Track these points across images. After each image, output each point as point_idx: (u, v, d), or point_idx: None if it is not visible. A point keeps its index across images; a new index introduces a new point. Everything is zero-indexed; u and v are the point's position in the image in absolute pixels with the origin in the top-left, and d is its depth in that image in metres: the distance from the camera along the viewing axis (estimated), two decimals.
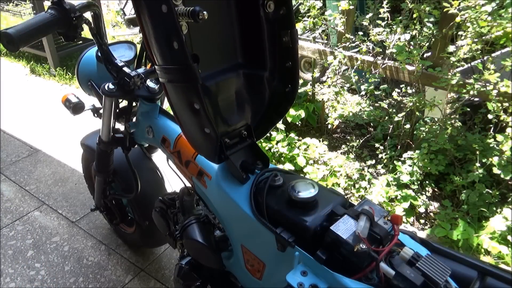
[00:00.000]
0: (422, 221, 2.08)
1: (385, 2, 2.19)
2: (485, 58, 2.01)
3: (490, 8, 1.75)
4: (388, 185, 2.14)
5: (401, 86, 2.49)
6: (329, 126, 2.67)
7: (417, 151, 2.15)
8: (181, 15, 0.70)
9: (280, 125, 2.53)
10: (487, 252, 1.79)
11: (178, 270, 1.15)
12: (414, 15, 2.08)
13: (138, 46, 1.29)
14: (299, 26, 2.59)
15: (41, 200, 2.21)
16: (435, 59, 2.11)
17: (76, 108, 1.29)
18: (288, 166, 2.39)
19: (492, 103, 1.82)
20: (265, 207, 0.85)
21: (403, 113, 2.30)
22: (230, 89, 0.91)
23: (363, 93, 2.55)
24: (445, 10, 1.91)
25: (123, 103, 1.33)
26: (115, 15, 5.08)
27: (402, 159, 2.22)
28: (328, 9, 2.83)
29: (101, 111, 1.33)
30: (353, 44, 2.43)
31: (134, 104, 1.30)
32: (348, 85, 2.73)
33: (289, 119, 2.63)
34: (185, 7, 0.71)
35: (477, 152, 1.97)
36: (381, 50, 2.29)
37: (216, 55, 0.90)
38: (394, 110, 2.54)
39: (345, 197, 0.87)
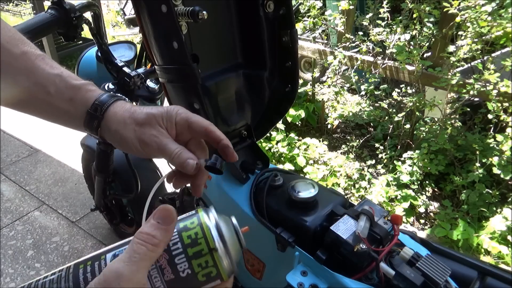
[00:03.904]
0: (422, 221, 2.08)
1: (385, 2, 2.19)
2: (485, 58, 2.01)
3: (490, 8, 1.74)
4: (388, 185, 2.14)
5: (401, 86, 2.48)
6: (329, 126, 2.67)
7: (417, 151, 2.15)
8: (181, 15, 0.70)
9: (280, 125, 2.53)
10: (487, 252, 1.79)
11: None
12: (414, 15, 2.08)
13: (138, 46, 1.30)
14: (299, 26, 2.59)
15: (41, 200, 2.21)
16: (435, 59, 2.11)
17: None
18: (288, 166, 2.39)
19: (492, 103, 1.82)
20: (265, 207, 0.85)
21: (403, 113, 2.30)
22: (230, 89, 0.91)
23: (363, 93, 2.55)
24: (445, 10, 1.91)
25: None
26: (115, 15, 5.08)
27: (402, 159, 2.22)
28: (328, 9, 2.83)
29: None
30: (353, 44, 2.43)
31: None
32: (348, 85, 2.73)
33: (289, 119, 2.63)
34: (184, 7, 0.71)
35: (477, 152, 1.97)
36: (381, 50, 2.29)
37: (216, 55, 0.90)
38: (394, 110, 2.54)
39: (345, 197, 0.87)
